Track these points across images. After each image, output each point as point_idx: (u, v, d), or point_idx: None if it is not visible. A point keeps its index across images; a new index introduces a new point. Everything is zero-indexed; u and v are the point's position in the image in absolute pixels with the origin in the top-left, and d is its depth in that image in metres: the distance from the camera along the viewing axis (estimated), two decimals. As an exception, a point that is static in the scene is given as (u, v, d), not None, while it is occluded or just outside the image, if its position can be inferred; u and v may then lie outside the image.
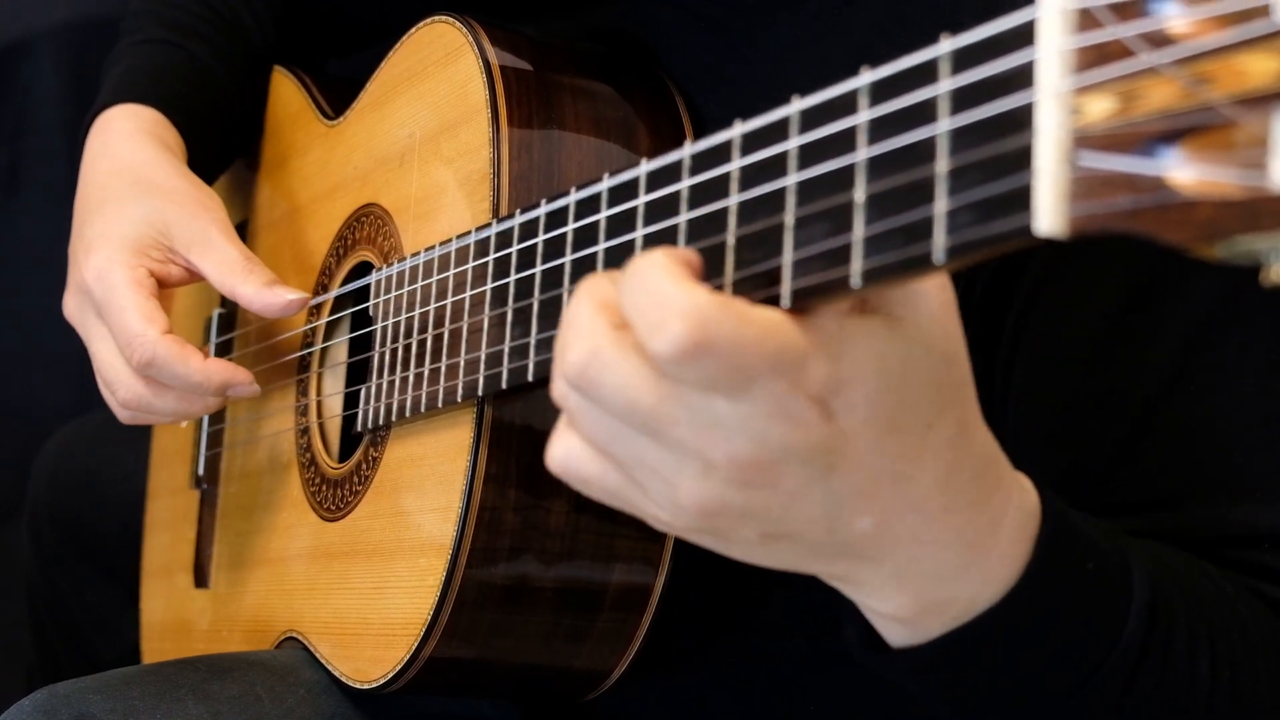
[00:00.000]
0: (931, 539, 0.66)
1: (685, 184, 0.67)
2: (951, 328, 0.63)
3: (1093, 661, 0.74)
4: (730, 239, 0.63)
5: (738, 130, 0.64)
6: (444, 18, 1.03)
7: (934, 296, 0.62)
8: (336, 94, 1.23)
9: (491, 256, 0.88)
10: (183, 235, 1.09)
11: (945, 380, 0.63)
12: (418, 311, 0.98)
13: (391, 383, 1.00)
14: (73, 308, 1.11)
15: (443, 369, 0.93)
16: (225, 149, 1.29)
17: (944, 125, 0.54)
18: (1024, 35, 0.51)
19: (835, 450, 0.61)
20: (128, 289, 1.06)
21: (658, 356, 0.58)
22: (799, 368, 0.59)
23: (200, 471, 1.30)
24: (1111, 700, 0.75)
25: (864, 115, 0.58)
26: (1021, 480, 0.71)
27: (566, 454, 0.65)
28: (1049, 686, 0.75)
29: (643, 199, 0.70)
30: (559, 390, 0.64)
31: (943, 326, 0.62)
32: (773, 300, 0.61)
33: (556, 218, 0.80)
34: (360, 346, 1.11)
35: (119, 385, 1.07)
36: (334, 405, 1.14)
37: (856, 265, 0.57)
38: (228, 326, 1.28)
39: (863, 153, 0.58)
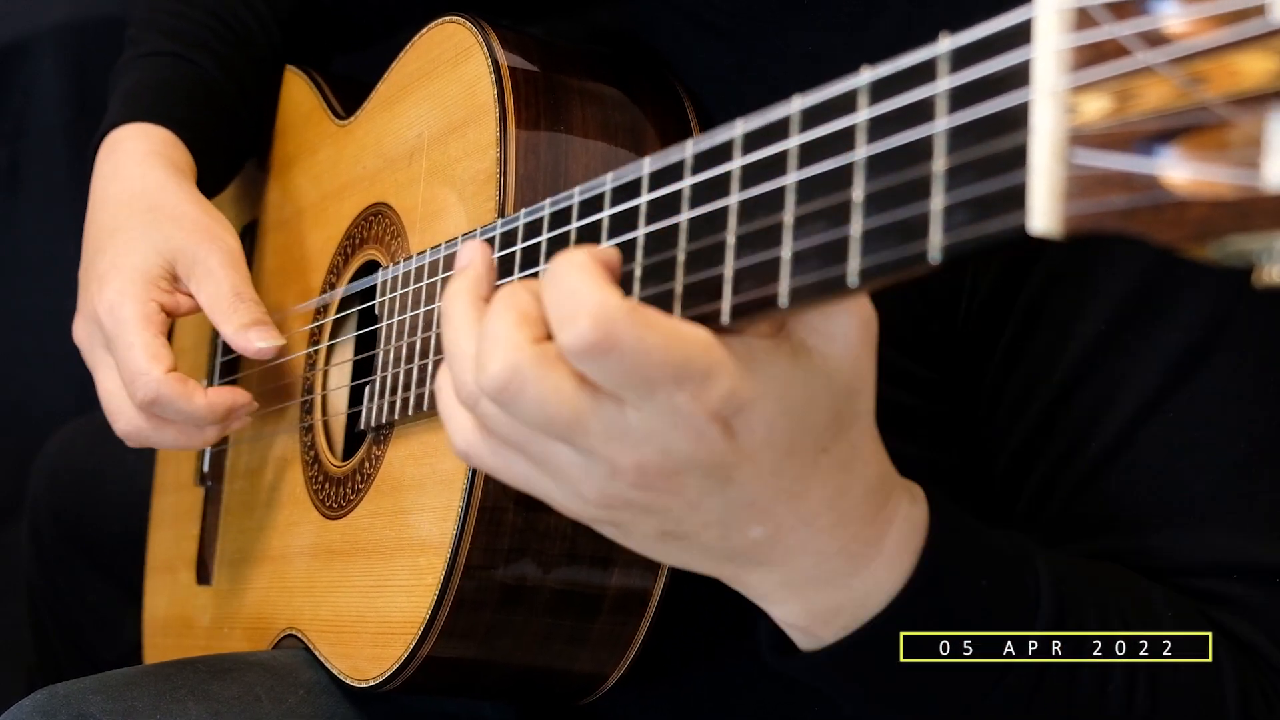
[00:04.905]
0: (818, 549, 0.70)
1: (687, 182, 0.67)
2: (862, 364, 0.66)
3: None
4: (730, 237, 0.63)
5: (739, 129, 0.64)
6: (455, 18, 1.03)
7: (852, 331, 0.65)
8: (348, 93, 1.23)
9: (494, 256, 0.88)
10: (185, 264, 1.11)
11: (844, 410, 0.66)
12: (421, 310, 0.98)
13: (395, 380, 1.00)
14: (83, 335, 1.13)
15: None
16: (235, 157, 1.29)
17: (942, 124, 0.54)
18: (1021, 34, 0.51)
19: (733, 466, 0.65)
20: (136, 325, 1.07)
21: (564, 349, 0.61)
22: (702, 381, 0.62)
23: (205, 468, 1.31)
24: (1020, 703, 0.78)
25: (863, 114, 0.58)
26: (914, 493, 0.74)
27: (469, 446, 0.69)
28: (957, 690, 0.77)
29: (645, 198, 0.70)
30: (468, 395, 0.67)
31: (853, 362, 0.65)
32: (769, 300, 0.61)
33: (560, 217, 0.80)
34: (366, 345, 1.12)
35: (119, 417, 1.10)
36: (339, 403, 1.14)
37: (854, 264, 0.57)
38: (235, 325, 1.28)
39: (862, 151, 0.58)
